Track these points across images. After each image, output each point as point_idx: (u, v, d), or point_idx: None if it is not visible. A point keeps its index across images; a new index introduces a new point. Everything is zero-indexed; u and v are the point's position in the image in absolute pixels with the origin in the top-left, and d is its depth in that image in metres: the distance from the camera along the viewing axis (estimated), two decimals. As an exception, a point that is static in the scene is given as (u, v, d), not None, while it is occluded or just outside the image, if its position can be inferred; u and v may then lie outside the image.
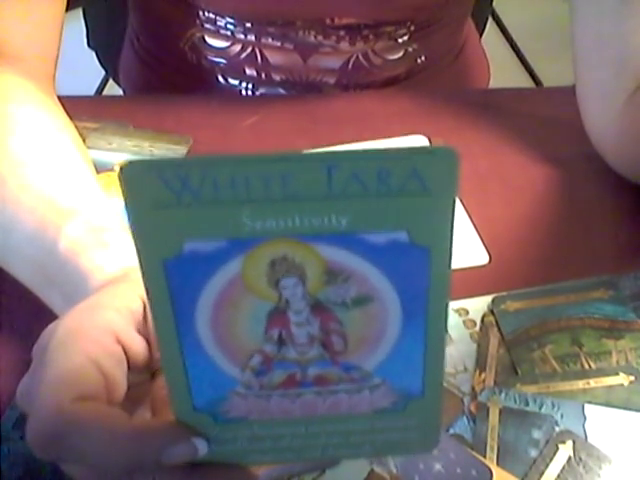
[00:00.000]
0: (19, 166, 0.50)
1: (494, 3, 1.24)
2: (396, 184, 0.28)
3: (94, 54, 1.11)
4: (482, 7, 1.09)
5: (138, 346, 0.38)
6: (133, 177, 0.27)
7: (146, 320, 0.38)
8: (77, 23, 1.05)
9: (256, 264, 0.29)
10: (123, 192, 0.28)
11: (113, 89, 1.38)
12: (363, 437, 0.35)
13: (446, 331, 0.33)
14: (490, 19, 1.27)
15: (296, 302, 0.30)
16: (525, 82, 1.89)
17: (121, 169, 0.27)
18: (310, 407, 0.34)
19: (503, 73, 1.04)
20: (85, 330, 0.37)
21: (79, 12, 1.06)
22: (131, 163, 0.27)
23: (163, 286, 0.30)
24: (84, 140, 0.56)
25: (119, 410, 0.36)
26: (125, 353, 0.37)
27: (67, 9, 0.60)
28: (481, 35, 1.05)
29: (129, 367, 0.38)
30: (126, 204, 0.28)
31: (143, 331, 0.38)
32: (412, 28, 0.77)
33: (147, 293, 0.30)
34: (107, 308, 0.38)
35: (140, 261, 0.29)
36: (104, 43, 1.08)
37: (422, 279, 0.30)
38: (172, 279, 0.29)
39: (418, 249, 0.29)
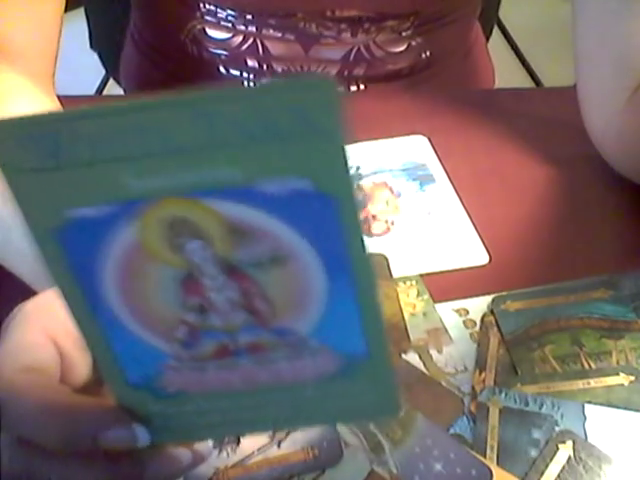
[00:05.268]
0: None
1: (495, 4, 1.24)
2: (281, 125, 0.25)
3: (95, 54, 1.11)
4: (488, 13, 1.09)
5: None
6: (1, 138, 0.25)
7: None
8: (78, 23, 1.05)
9: (152, 228, 0.27)
10: None
11: (113, 89, 1.38)
12: (315, 405, 0.34)
13: (376, 287, 0.30)
14: (490, 19, 1.26)
15: (208, 267, 0.29)
16: (525, 82, 1.89)
17: None
18: (251, 377, 0.32)
19: (504, 74, 1.04)
20: (50, 308, 0.36)
21: (80, 12, 1.06)
22: None
23: (57, 257, 0.28)
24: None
25: (62, 385, 0.35)
26: None
27: (67, 9, 0.60)
28: (487, 40, 1.05)
29: None
30: (2, 170, 0.26)
31: None
32: (416, 22, 0.77)
33: (44, 265, 0.28)
34: None
35: (29, 232, 0.27)
36: (106, 44, 1.08)
37: (335, 232, 0.28)
38: (64, 249, 0.28)
39: (324, 197, 0.27)
